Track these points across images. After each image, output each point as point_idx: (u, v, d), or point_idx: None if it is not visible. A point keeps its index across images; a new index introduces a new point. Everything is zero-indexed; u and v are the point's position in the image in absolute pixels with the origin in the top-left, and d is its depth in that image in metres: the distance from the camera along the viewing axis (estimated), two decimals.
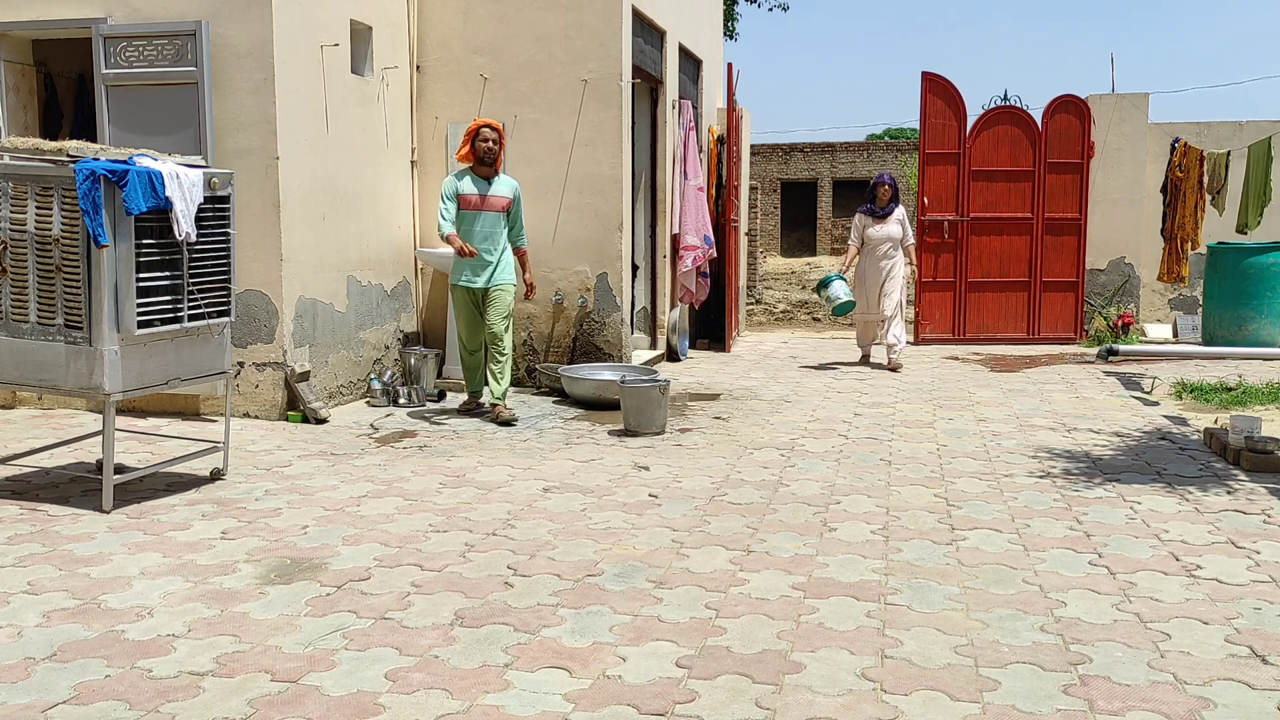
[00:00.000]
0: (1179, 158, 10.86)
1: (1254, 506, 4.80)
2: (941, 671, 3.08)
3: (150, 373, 4.75)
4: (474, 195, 6.56)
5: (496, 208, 6.63)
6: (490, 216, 6.61)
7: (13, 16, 6.71)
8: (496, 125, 6.66)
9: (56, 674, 3.04)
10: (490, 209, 6.61)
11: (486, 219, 6.60)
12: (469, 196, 6.56)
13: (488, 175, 6.65)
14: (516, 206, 6.74)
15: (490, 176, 6.66)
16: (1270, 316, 9.86)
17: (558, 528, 4.46)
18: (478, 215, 6.58)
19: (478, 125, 6.62)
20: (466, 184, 6.59)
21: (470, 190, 6.57)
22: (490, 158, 6.60)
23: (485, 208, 6.59)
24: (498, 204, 6.63)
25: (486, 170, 6.65)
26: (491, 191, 6.63)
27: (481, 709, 2.84)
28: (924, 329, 10.94)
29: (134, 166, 4.52)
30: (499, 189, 6.67)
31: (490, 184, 6.64)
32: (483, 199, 6.59)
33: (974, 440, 6.23)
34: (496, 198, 6.63)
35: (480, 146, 6.59)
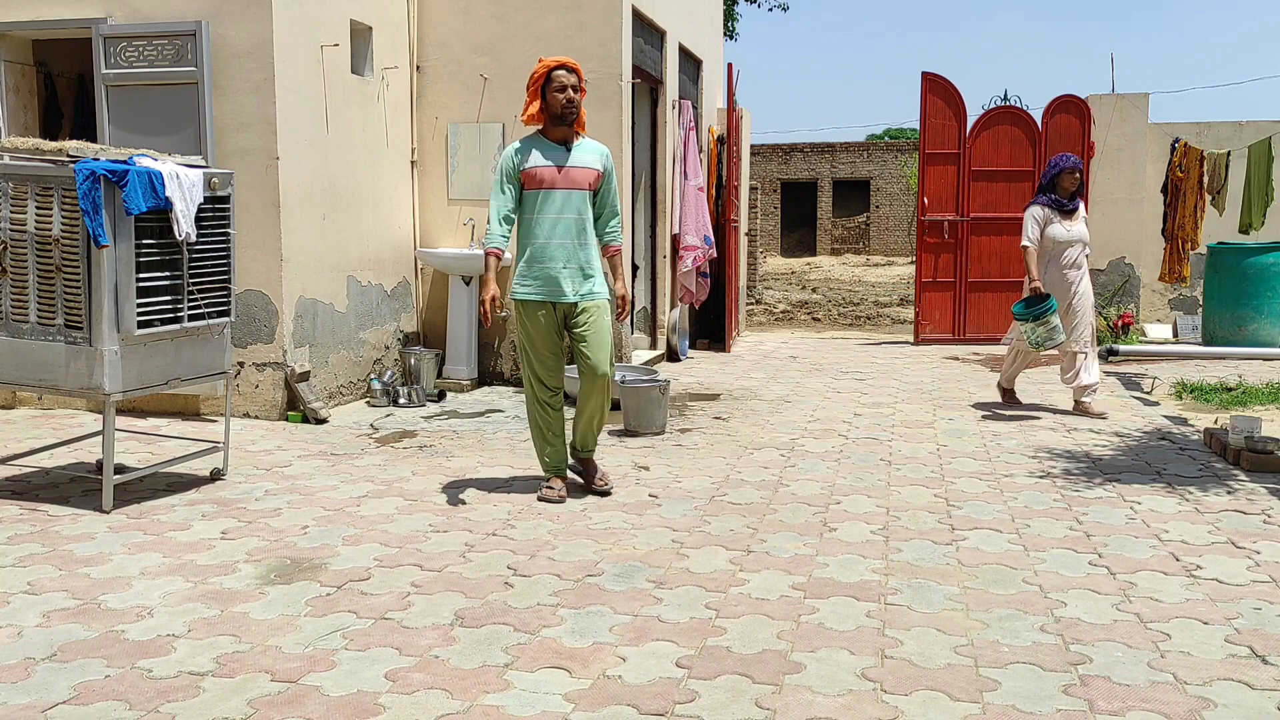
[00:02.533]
0: (1179, 158, 10.87)
1: (1254, 507, 4.80)
2: (941, 671, 3.08)
3: (150, 373, 4.75)
4: (547, 168, 4.75)
5: (581, 184, 4.79)
6: (573, 198, 4.77)
7: (13, 16, 6.71)
8: (574, 65, 4.78)
9: (56, 674, 3.04)
10: (572, 185, 4.77)
11: (568, 201, 4.76)
12: (540, 171, 4.73)
13: (566, 139, 4.81)
14: (607, 182, 4.89)
15: (570, 140, 4.82)
16: (1270, 316, 9.86)
17: (558, 528, 4.46)
18: (553, 197, 4.75)
19: (548, 67, 4.74)
20: (535, 155, 4.76)
21: (541, 162, 4.75)
22: (571, 112, 4.74)
23: (565, 184, 4.75)
24: (583, 179, 4.79)
25: (564, 132, 4.80)
26: (573, 161, 4.78)
27: (481, 709, 2.84)
28: (924, 329, 10.94)
29: (134, 166, 4.52)
30: (584, 157, 4.81)
31: (570, 151, 4.80)
32: (561, 172, 4.75)
33: (974, 440, 6.23)
34: (581, 170, 4.79)
35: (556, 99, 4.71)
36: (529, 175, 4.76)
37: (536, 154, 4.78)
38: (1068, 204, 7.02)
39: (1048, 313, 6.73)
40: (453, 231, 8.13)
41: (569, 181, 4.77)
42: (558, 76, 4.72)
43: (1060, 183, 7.02)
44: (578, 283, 4.78)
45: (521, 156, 4.79)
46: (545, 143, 4.81)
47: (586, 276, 4.81)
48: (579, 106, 4.76)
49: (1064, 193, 7.03)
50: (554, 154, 4.79)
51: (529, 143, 4.83)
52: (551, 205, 4.75)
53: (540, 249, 4.76)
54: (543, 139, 4.83)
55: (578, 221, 4.79)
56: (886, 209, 32.47)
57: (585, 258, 4.80)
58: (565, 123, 4.76)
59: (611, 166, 4.93)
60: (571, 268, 4.77)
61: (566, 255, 4.76)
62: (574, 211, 4.78)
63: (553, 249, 4.75)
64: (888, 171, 32.31)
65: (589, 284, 4.81)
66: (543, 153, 4.78)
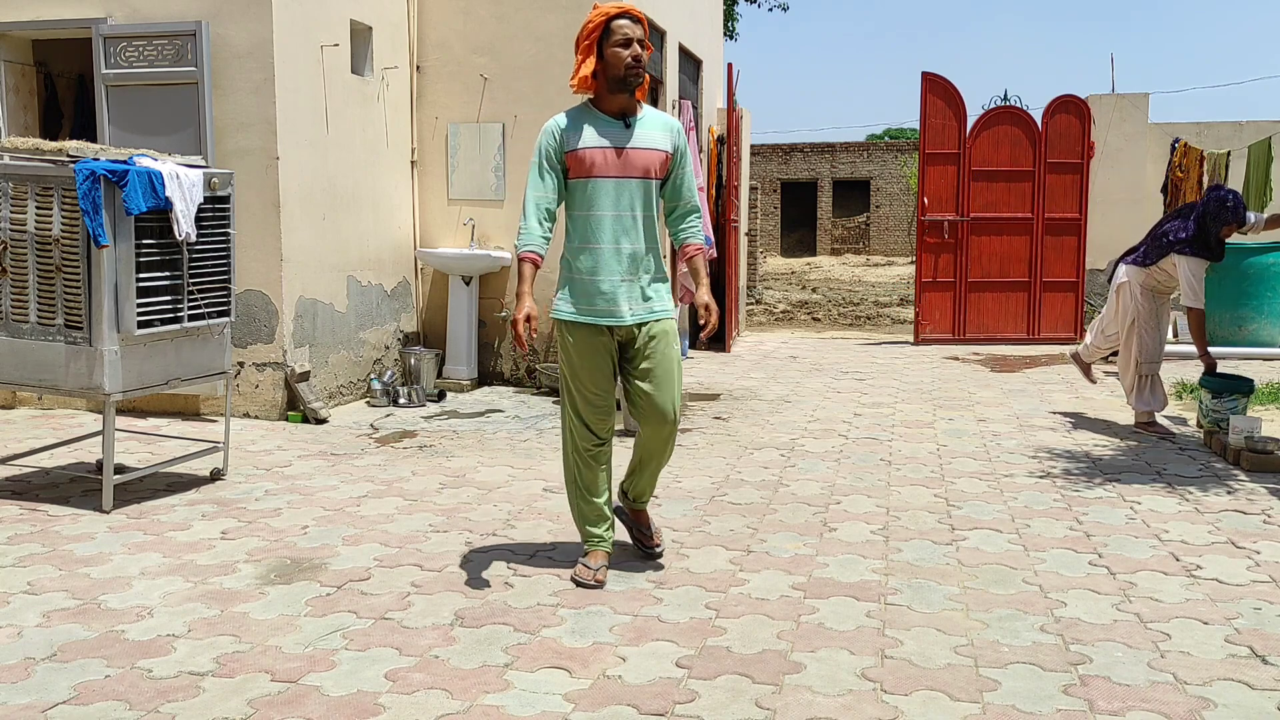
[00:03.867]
0: (1179, 158, 10.87)
1: (1254, 507, 4.80)
2: (941, 671, 3.08)
3: (150, 373, 4.75)
4: (601, 150, 3.66)
5: (646, 169, 3.69)
6: (635, 189, 3.68)
7: (13, 16, 6.71)
8: (639, 13, 3.73)
9: (56, 674, 3.04)
10: (634, 172, 3.67)
11: (629, 193, 3.67)
12: (591, 154, 3.65)
13: (626, 111, 3.71)
14: (680, 166, 3.80)
15: (630, 113, 3.72)
16: (1270, 316, 9.86)
17: (558, 528, 4.46)
18: (609, 188, 3.66)
19: (606, 14, 3.70)
20: (586, 132, 3.68)
21: (594, 142, 3.66)
22: (637, 76, 3.65)
23: (625, 170, 3.67)
24: (648, 163, 3.70)
25: (624, 102, 3.70)
26: (636, 141, 3.69)
27: (481, 709, 2.84)
28: (924, 329, 10.95)
29: (134, 167, 4.52)
30: (649, 134, 3.72)
31: (632, 127, 3.70)
32: (620, 155, 3.66)
33: (974, 440, 6.23)
34: (646, 151, 3.69)
35: (618, 56, 3.63)
36: (576, 159, 3.64)
37: (588, 131, 3.66)
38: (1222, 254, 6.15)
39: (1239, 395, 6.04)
40: (453, 231, 8.13)
41: (629, 167, 3.65)
42: (619, 27, 3.61)
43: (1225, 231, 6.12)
44: (636, 301, 3.70)
45: (567, 134, 3.66)
46: (598, 116, 3.69)
47: (649, 293, 3.74)
48: (644, 73, 3.66)
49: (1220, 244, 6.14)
50: (610, 131, 3.67)
51: (577, 116, 3.70)
52: (606, 198, 3.64)
53: (592, 256, 3.66)
54: (594, 111, 3.70)
55: (642, 219, 3.69)
56: (886, 209, 32.47)
57: (650, 266, 3.72)
58: (628, 89, 3.64)
59: (685, 145, 3.78)
60: (631, 281, 3.68)
61: (627, 264, 3.67)
62: (636, 206, 3.67)
63: (608, 256, 3.65)
64: (888, 171, 32.31)
65: (652, 302, 3.74)
66: (596, 129, 3.66)
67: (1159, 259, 6.28)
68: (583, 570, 3.81)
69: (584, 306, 3.71)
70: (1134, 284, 6.44)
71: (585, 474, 3.86)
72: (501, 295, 8.03)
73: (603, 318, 3.70)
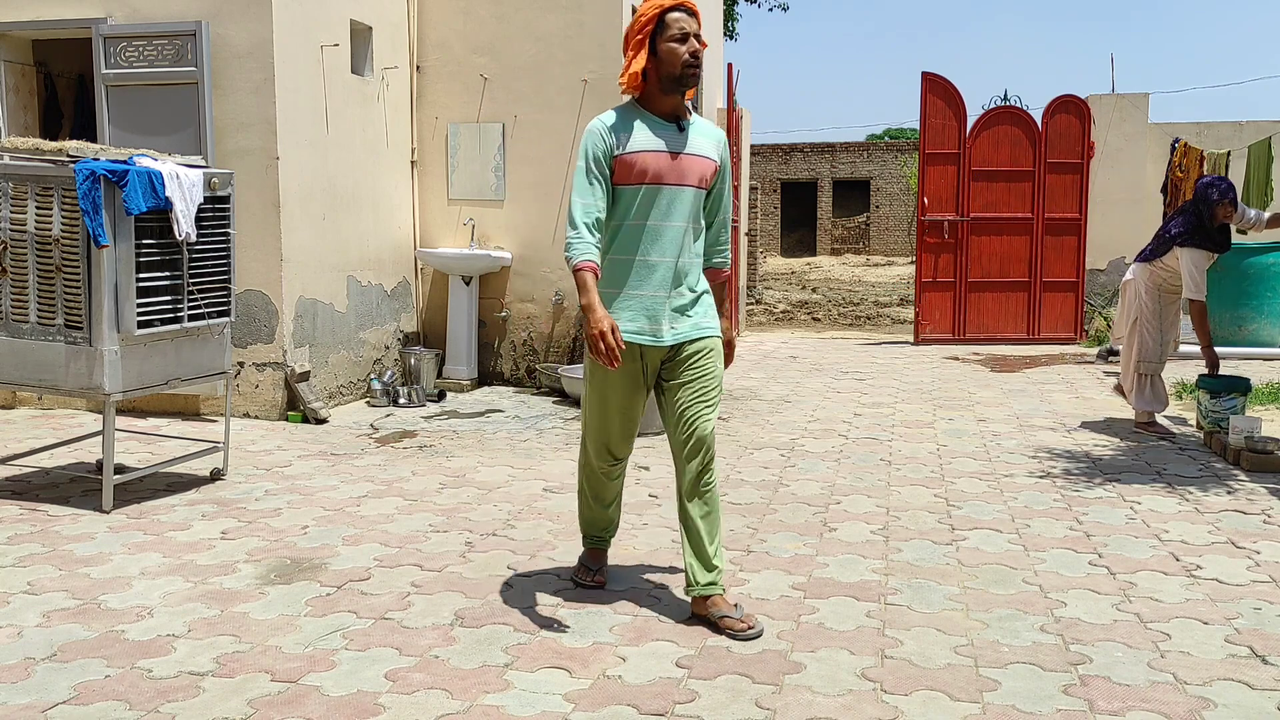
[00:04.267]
0: (1179, 158, 10.86)
1: (1254, 507, 4.80)
2: (941, 671, 3.08)
3: (150, 373, 4.75)
4: (656, 155, 3.36)
5: (696, 179, 3.42)
6: (685, 198, 3.40)
7: (13, 16, 6.71)
8: (695, 6, 3.42)
9: (56, 674, 3.04)
10: (689, 180, 3.40)
11: (679, 202, 3.40)
12: (644, 159, 3.34)
13: (678, 113, 3.43)
14: (722, 180, 3.54)
15: (683, 115, 3.44)
16: (1270, 316, 9.86)
17: (558, 528, 4.46)
18: (661, 196, 3.37)
19: (660, 7, 3.35)
20: (639, 134, 3.37)
21: (649, 145, 3.36)
22: (694, 75, 3.36)
23: (681, 178, 3.38)
24: (699, 171, 3.43)
25: (676, 104, 3.42)
26: (691, 147, 3.41)
27: (481, 709, 2.84)
28: (924, 329, 10.95)
29: (134, 167, 4.52)
30: (700, 142, 3.45)
31: (686, 132, 3.43)
32: (675, 161, 3.38)
33: (974, 440, 6.23)
34: (697, 159, 3.42)
35: (674, 52, 3.32)
36: (626, 164, 3.33)
37: (640, 133, 3.35)
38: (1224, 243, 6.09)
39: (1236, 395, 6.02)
40: (453, 231, 8.13)
41: (681, 175, 3.36)
42: (675, 20, 3.33)
43: (1217, 215, 6.09)
44: (678, 319, 3.43)
45: (617, 136, 3.34)
46: (650, 117, 3.38)
47: (693, 310, 3.46)
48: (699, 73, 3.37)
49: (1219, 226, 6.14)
50: (665, 134, 3.38)
51: (626, 116, 3.39)
52: (657, 207, 3.36)
53: (638, 270, 3.38)
54: (644, 111, 3.39)
55: (689, 231, 3.43)
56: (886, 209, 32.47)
57: (693, 283, 3.48)
58: (683, 88, 3.36)
59: (728, 159, 3.53)
60: (675, 297, 3.42)
61: (672, 280, 3.40)
62: (685, 217, 3.40)
63: (654, 269, 3.38)
64: (888, 171, 32.31)
65: (696, 318, 3.46)
66: (649, 131, 3.36)
67: (1163, 254, 6.29)
68: (582, 571, 3.76)
69: (627, 324, 3.40)
70: (1139, 281, 6.45)
71: (598, 486, 3.70)
72: (501, 295, 8.03)
73: (641, 336, 3.40)
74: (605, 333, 3.24)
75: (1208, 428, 6.08)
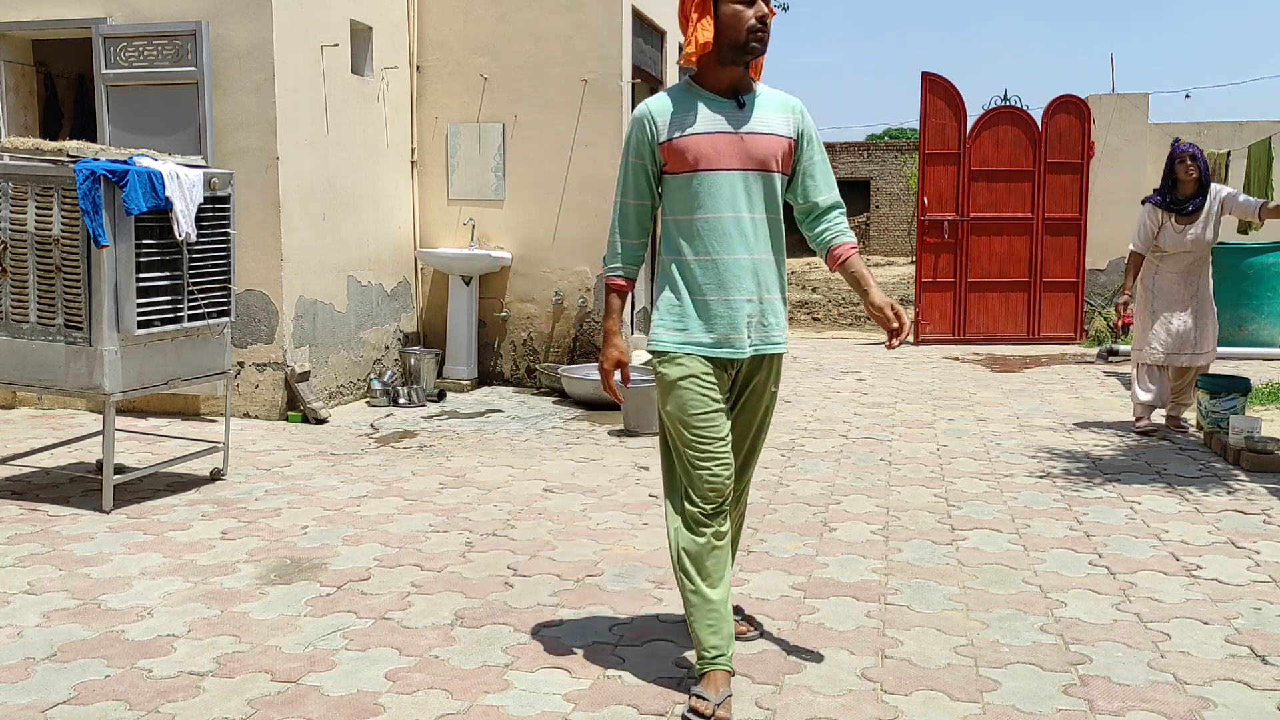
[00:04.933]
0: None
1: (1254, 507, 4.80)
2: (941, 672, 3.08)
3: (150, 373, 4.75)
4: (711, 137, 2.91)
5: (766, 159, 2.94)
6: (755, 184, 2.94)
7: (13, 16, 6.71)
8: None
9: (56, 674, 3.04)
10: (753, 163, 2.93)
11: (748, 189, 2.94)
12: (697, 142, 2.91)
13: (740, 87, 2.96)
14: (807, 151, 3.03)
15: (745, 89, 2.97)
16: (1270, 316, 9.86)
17: (558, 528, 4.46)
18: (722, 184, 2.92)
19: None
20: (691, 115, 2.93)
21: (702, 126, 2.92)
22: (761, 43, 2.93)
23: (745, 160, 2.92)
24: (768, 151, 2.94)
25: (737, 77, 2.94)
26: (754, 124, 2.94)
27: (481, 709, 2.84)
28: (924, 329, 10.95)
29: (134, 166, 4.52)
30: (768, 116, 2.97)
31: (748, 108, 2.95)
32: (737, 142, 2.92)
33: (974, 440, 6.23)
34: (765, 137, 2.94)
35: (740, 17, 2.88)
36: (676, 151, 2.91)
37: (692, 114, 2.92)
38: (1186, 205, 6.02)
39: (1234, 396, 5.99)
40: (453, 231, 8.12)
41: (747, 157, 2.91)
42: None
43: (1176, 175, 6.04)
44: (756, 326, 2.96)
45: (663, 121, 2.93)
46: (705, 95, 2.94)
47: (769, 317, 2.98)
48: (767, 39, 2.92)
49: (1183, 189, 6.05)
50: (722, 112, 2.92)
51: (678, 96, 2.96)
52: (721, 196, 2.90)
53: (708, 269, 2.91)
54: (699, 89, 2.95)
55: (767, 223, 2.95)
56: (886, 209, 32.47)
57: (773, 283, 2.99)
58: (747, 58, 2.90)
59: (811, 128, 3.04)
60: (754, 301, 2.94)
61: (749, 280, 2.92)
62: (758, 205, 2.93)
63: (728, 269, 2.91)
64: (888, 171, 32.30)
65: (770, 329, 2.99)
66: (702, 111, 2.92)
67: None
68: (699, 703, 2.80)
69: (696, 334, 2.91)
70: (1143, 271, 6.42)
71: (699, 553, 2.90)
72: (501, 295, 8.02)
73: (720, 348, 2.91)
74: (608, 372, 3.02)
75: (1208, 428, 6.08)
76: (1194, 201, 6.06)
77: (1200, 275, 6.24)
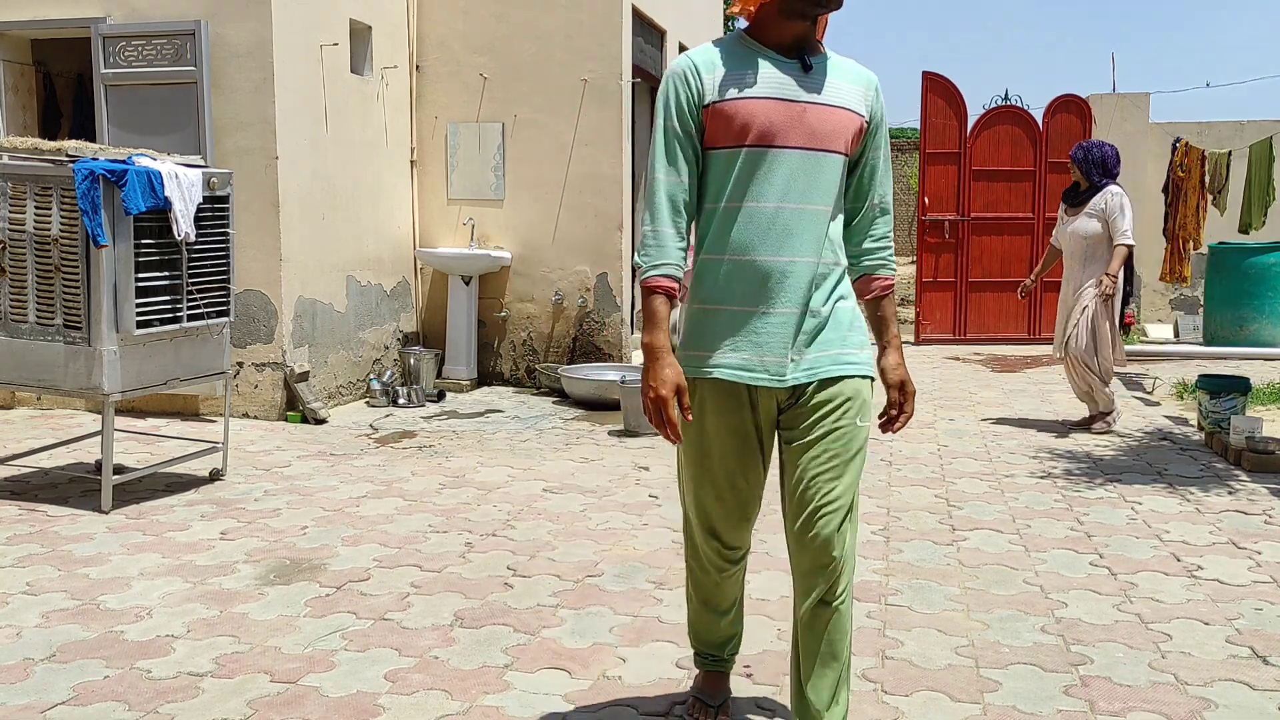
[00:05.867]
0: (1180, 158, 10.84)
1: (1255, 507, 4.80)
2: (942, 672, 3.07)
3: (149, 373, 4.74)
4: (766, 103, 2.32)
5: (834, 138, 2.36)
6: (820, 166, 2.35)
7: (12, 16, 6.70)
8: None
9: (55, 674, 3.03)
10: (819, 141, 2.34)
11: (809, 173, 2.35)
12: (750, 108, 2.32)
13: (804, 45, 2.37)
14: (874, 141, 2.47)
15: (811, 50, 2.38)
16: (1271, 316, 9.85)
17: (558, 528, 4.45)
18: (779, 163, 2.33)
19: None
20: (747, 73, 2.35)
21: (756, 89, 2.33)
22: None
23: (808, 138, 2.34)
24: (838, 128, 2.37)
25: (800, 32, 2.35)
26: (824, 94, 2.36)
27: (481, 710, 2.83)
28: (925, 329, 10.94)
29: (133, 166, 4.51)
30: (840, 86, 2.39)
31: (815, 75, 2.36)
32: (799, 112, 2.33)
33: (975, 440, 6.23)
34: (835, 110, 2.36)
35: None
36: (724, 116, 2.33)
37: (748, 72, 2.34)
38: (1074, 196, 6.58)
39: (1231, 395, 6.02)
40: (452, 231, 8.12)
41: (809, 133, 2.33)
42: None
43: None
44: (806, 348, 2.38)
45: (713, 76, 2.35)
46: (763, 50, 2.36)
47: (829, 334, 2.40)
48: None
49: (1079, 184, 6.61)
50: (785, 72, 2.34)
51: (730, 49, 2.39)
52: (770, 181, 2.33)
53: (743, 276, 2.36)
54: (755, 43, 2.38)
55: (828, 216, 2.38)
56: None
57: (829, 294, 2.40)
58: (819, 10, 2.33)
59: (883, 114, 2.48)
60: (803, 315, 2.37)
61: (800, 289, 2.35)
62: (818, 195, 2.36)
63: (770, 274, 2.34)
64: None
65: (830, 347, 2.40)
66: (762, 69, 2.34)
67: None
68: (696, 708, 2.72)
69: (721, 354, 2.39)
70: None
71: (707, 587, 2.67)
72: (501, 295, 8.02)
73: (750, 372, 2.37)
74: (665, 399, 2.31)
75: (1208, 428, 6.07)
76: (1084, 195, 6.47)
77: (1082, 273, 6.42)
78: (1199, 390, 6.27)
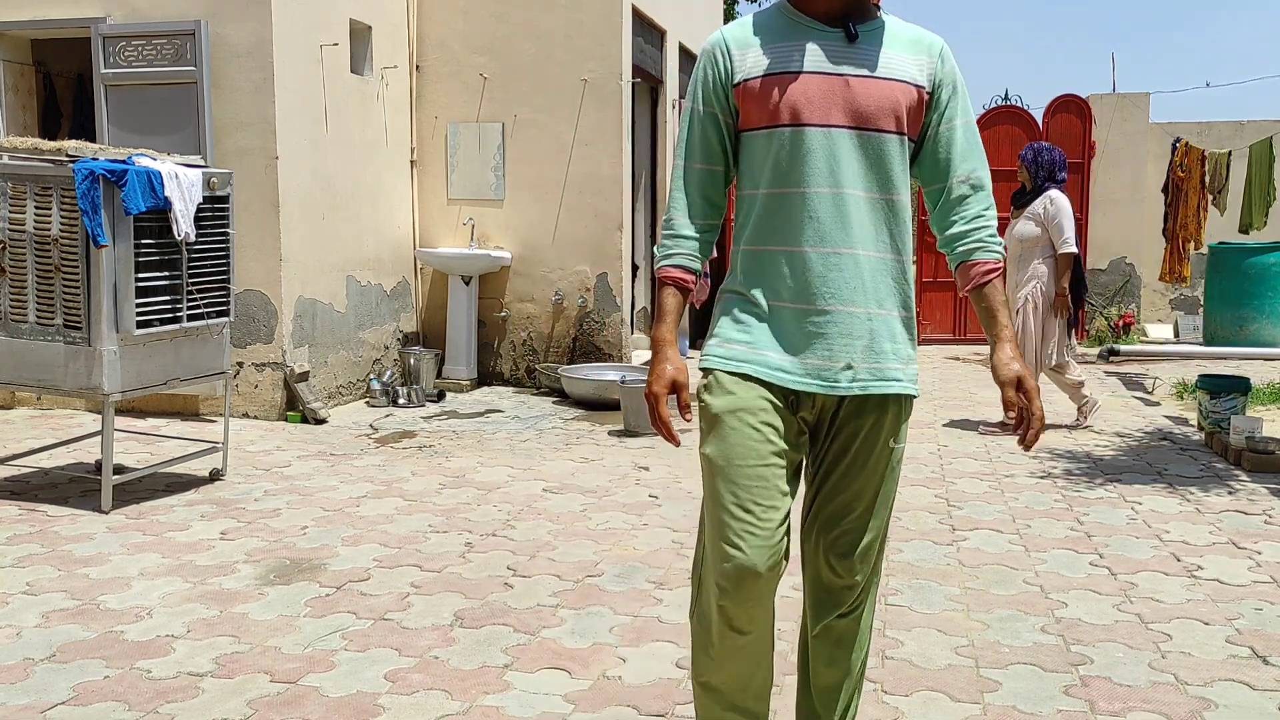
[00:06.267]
0: (1180, 157, 10.85)
1: (1255, 507, 4.80)
2: (942, 672, 3.07)
3: (149, 373, 4.74)
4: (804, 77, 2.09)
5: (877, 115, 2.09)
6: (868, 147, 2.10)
7: (12, 16, 6.70)
8: None
9: (56, 674, 3.03)
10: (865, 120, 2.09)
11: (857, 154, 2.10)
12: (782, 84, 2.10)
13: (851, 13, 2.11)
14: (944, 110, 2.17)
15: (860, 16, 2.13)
16: (1271, 316, 9.85)
17: (558, 528, 4.45)
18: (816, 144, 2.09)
19: None
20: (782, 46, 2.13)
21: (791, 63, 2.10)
22: None
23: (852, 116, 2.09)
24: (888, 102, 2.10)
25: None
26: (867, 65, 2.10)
27: (481, 710, 2.83)
28: (924, 329, 10.94)
29: (133, 166, 4.51)
30: (893, 57, 2.12)
31: (862, 45, 2.11)
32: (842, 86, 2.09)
33: (975, 440, 6.22)
34: (886, 83, 2.10)
35: None
36: (756, 95, 2.13)
37: (784, 44, 2.13)
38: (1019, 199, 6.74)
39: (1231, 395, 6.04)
40: (452, 231, 8.12)
41: (855, 112, 2.10)
42: None
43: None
44: (860, 352, 2.13)
45: (745, 53, 2.15)
46: (803, 19, 2.15)
47: (882, 342, 2.15)
48: None
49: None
50: (825, 44, 2.12)
51: (767, 20, 2.19)
52: (812, 164, 2.11)
53: (788, 266, 2.15)
54: (798, 13, 2.16)
55: (882, 205, 2.14)
56: None
57: (889, 293, 2.17)
58: None
59: (955, 77, 2.19)
60: (857, 315, 2.13)
61: (852, 284, 2.12)
62: (871, 180, 2.13)
63: (818, 266, 2.12)
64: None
65: (884, 358, 2.16)
66: (803, 39, 2.13)
67: None
68: None
69: (759, 352, 2.15)
70: None
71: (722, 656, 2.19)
72: (501, 295, 8.02)
73: (796, 376, 2.13)
74: (657, 396, 2.19)
75: (1209, 428, 6.07)
76: (1028, 197, 6.62)
77: (1017, 274, 6.42)
78: (1199, 390, 6.27)
